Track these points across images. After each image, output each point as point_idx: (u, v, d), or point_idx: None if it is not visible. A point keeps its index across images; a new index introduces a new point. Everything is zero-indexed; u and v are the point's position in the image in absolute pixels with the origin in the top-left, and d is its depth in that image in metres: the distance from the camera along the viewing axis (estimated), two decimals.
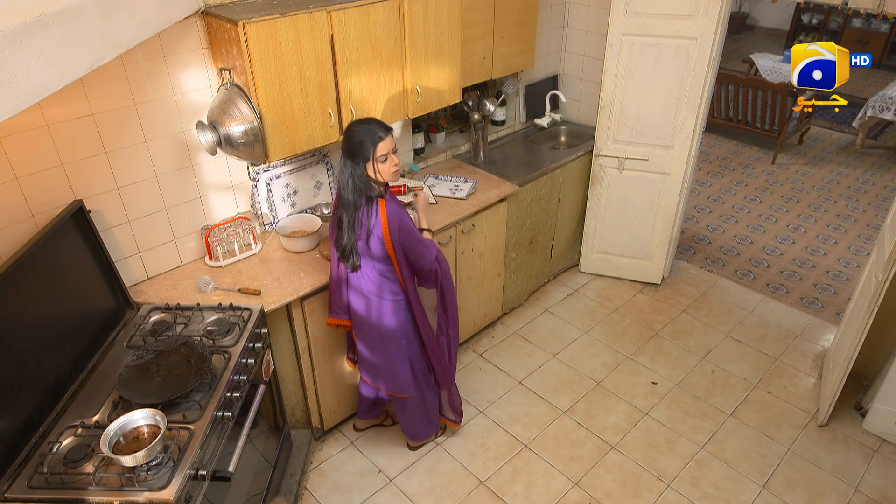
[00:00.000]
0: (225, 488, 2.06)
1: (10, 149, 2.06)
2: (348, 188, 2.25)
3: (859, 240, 4.90)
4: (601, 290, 4.20)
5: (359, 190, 2.25)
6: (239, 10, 2.34)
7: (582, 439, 3.11)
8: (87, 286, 2.23)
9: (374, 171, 2.24)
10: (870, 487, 2.87)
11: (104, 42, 1.57)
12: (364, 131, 2.21)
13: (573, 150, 3.89)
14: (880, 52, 9.11)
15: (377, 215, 2.27)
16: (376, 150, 2.21)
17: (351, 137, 2.23)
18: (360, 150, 2.21)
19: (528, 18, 3.47)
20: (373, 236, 2.30)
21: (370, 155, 2.21)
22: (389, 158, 2.24)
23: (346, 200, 2.27)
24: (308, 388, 2.87)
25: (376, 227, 2.28)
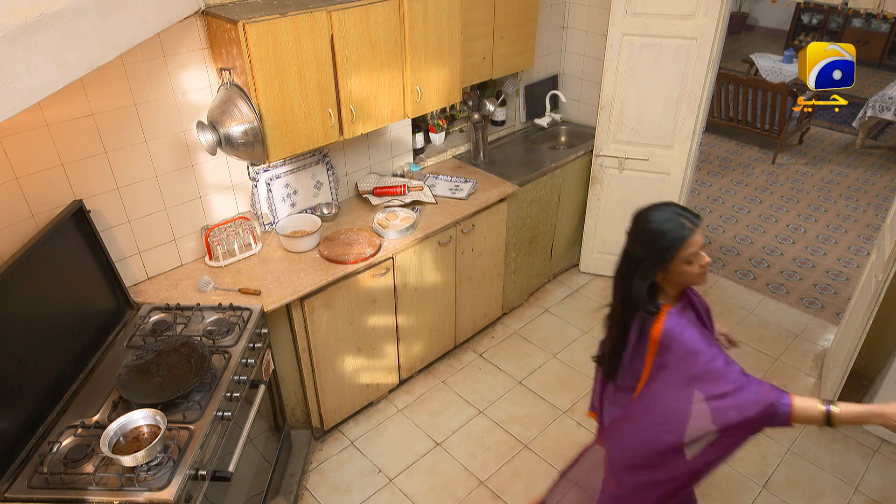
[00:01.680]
0: (225, 488, 2.06)
1: (10, 149, 2.06)
2: (627, 300, 1.73)
3: (859, 240, 4.90)
4: (601, 290, 4.20)
5: (638, 304, 1.71)
6: (239, 10, 2.34)
7: (582, 439, 3.11)
8: (87, 286, 2.23)
9: (675, 273, 1.68)
10: (870, 487, 2.87)
11: (104, 42, 1.57)
12: (667, 222, 1.65)
13: (573, 150, 3.89)
14: (880, 52, 9.10)
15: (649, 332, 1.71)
16: (684, 248, 1.64)
17: (650, 232, 1.66)
18: (660, 250, 1.64)
19: (528, 18, 3.47)
20: (637, 356, 1.77)
21: (675, 254, 1.64)
22: (699, 256, 1.66)
23: (616, 313, 1.79)
24: (308, 388, 2.87)
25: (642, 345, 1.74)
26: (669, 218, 1.65)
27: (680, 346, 1.64)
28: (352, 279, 2.75)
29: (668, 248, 1.64)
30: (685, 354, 1.64)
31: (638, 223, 1.71)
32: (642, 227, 1.69)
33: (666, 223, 1.65)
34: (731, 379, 1.60)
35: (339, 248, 2.81)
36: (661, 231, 1.64)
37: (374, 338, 3.02)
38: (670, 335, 1.65)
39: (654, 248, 1.65)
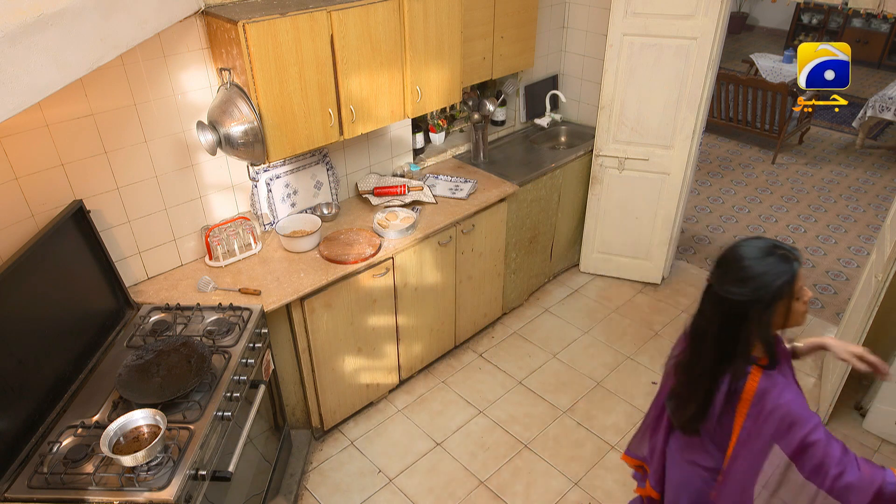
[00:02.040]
0: (225, 488, 2.06)
1: (10, 149, 2.06)
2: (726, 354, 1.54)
3: (859, 240, 4.90)
4: (601, 290, 4.20)
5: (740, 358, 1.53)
6: (239, 10, 2.34)
7: (582, 439, 3.11)
8: (87, 286, 2.23)
9: (777, 314, 1.50)
10: None
11: (104, 42, 1.57)
12: (768, 255, 1.47)
13: (573, 150, 3.89)
14: (880, 52, 9.10)
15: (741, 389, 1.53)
16: (795, 282, 1.47)
17: (754, 270, 1.46)
18: (773, 289, 1.45)
19: (528, 18, 3.47)
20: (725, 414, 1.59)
21: (788, 291, 1.47)
22: (803, 291, 1.52)
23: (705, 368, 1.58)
24: (308, 388, 2.87)
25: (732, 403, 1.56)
26: (768, 251, 1.47)
27: (778, 414, 1.46)
28: (352, 279, 2.75)
29: (782, 286, 1.45)
30: (784, 424, 1.45)
31: (732, 263, 1.50)
32: (740, 265, 1.47)
33: (768, 257, 1.46)
34: (835, 459, 1.40)
35: (339, 248, 2.81)
36: (767, 267, 1.45)
37: (374, 338, 3.02)
38: (767, 397, 1.48)
39: (764, 288, 1.44)
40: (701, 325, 1.58)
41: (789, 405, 1.45)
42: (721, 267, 1.52)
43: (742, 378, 1.52)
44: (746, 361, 1.53)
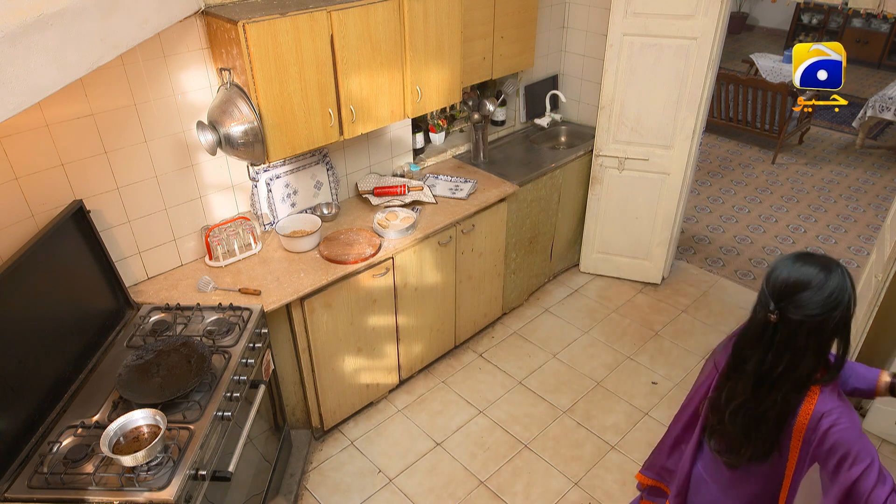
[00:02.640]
0: (225, 488, 2.06)
1: (10, 149, 2.06)
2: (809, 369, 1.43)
3: (859, 240, 4.90)
4: (601, 290, 4.20)
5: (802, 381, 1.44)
6: (239, 10, 2.34)
7: (582, 439, 3.11)
8: (87, 286, 2.23)
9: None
10: None
11: (104, 42, 1.57)
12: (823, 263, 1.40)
13: (573, 150, 3.89)
14: (880, 52, 9.10)
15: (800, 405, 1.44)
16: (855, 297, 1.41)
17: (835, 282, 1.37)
18: (851, 293, 1.39)
19: (528, 18, 3.47)
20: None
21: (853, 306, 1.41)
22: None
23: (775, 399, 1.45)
24: (308, 388, 2.87)
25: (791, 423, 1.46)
26: (820, 262, 1.39)
27: (838, 441, 1.38)
28: (352, 279, 2.75)
29: (852, 290, 1.38)
30: (842, 454, 1.38)
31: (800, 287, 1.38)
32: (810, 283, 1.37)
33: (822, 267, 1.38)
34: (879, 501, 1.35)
35: (339, 248, 2.81)
36: (835, 276, 1.37)
37: (374, 338, 3.02)
38: (827, 422, 1.40)
39: (843, 294, 1.36)
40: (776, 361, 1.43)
41: (850, 432, 1.38)
42: (790, 294, 1.39)
43: (802, 399, 1.43)
44: (810, 381, 1.44)
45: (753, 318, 1.47)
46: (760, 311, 1.43)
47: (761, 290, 1.45)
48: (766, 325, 1.43)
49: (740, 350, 1.51)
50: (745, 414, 1.51)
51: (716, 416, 1.61)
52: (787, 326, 1.39)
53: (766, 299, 1.42)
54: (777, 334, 1.41)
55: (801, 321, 1.37)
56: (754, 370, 1.47)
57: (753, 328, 1.47)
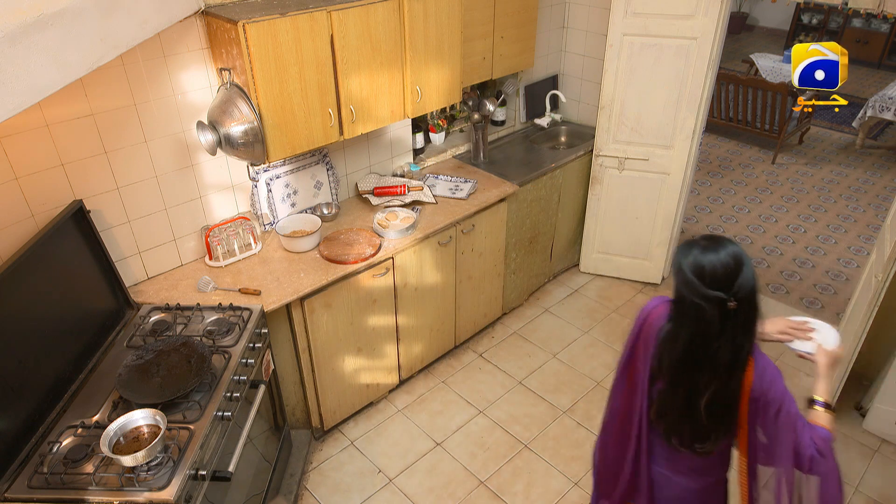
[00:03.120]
0: (225, 488, 2.06)
1: (10, 149, 2.06)
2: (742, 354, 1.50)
3: (859, 240, 4.90)
4: (601, 290, 4.20)
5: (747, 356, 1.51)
6: (239, 10, 2.34)
7: (582, 439, 3.11)
8: (87, 286, 2.23)
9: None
10: (870, 487, 2.87)
11: (104, 42, 1.57)
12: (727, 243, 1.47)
13: (573, 150, 3.89)
14: (880, 52, 9.10)
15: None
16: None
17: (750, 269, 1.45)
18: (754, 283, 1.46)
19: (528, 18, 3.47)
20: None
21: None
22: None
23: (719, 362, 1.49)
24: (308, 388, 2.87)
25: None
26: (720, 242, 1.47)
27: (774, 393, 1.50)
28: (352, 279, 2.75)
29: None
30: (780, 402, 1.50)
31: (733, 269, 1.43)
32: (738, 263, 1.43)
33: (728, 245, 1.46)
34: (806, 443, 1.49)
35: (339, 248, 2.81)
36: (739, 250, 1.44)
37: (374, 338, 3.02)
38: (767, 379, 1.50)
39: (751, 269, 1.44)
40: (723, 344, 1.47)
41: (778, 382, 1.51)
42: (734, 279, 1.42)
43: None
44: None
45: (702, 317, 1.44)
46: (710, 308, 1.42)
47: (696, 293, 1.43)
48: (724, 317, 1.43)
49: (695, 351, 1.50)
50: (718, 402, 1.53)
51: (671, 417, 1.62)
52: (743, 307, 1.43)
53: (712, 294, 1.41)
54: (737, 318, 1.44)
55: (749, 296, 1.43)
56: (720, 359, 1.48)
57: (707, 326, 1.45)
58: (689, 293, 1.44)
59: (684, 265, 1.45)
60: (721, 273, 1.41)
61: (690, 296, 1.44)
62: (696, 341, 1.48)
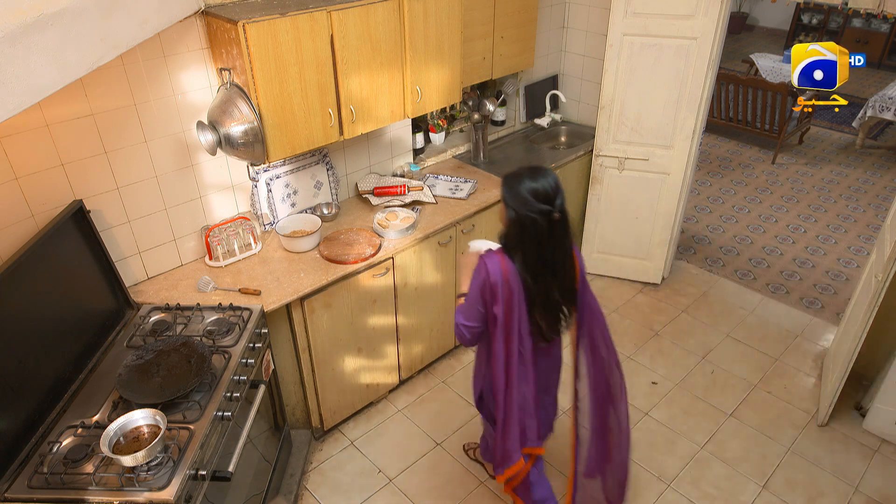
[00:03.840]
0: (225, 488, 2.06)
1: (10, 149, 2.06)
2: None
3: (859, 240, 4.90)
4: (601, 289, 4.20)
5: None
6: (239, 10, 2.34)
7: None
8: (87, 286, 2.23)
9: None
10: (870, 487, 2.87)
11: (104, 42, 1.57)
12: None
13: (573, 150, 3.89)
14: (880, 52, 9.10)
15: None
16: None
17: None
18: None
19: (528, 18, 3.47)
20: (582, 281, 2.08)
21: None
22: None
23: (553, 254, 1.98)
24: (308, 388, 2.87)
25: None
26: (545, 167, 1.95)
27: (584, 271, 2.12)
28: (352, 279, 2.75)
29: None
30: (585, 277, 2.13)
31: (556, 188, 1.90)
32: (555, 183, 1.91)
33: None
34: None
35: (339, 248, 2.81)
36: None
37: (374, 338, 3.02)
38: (581, 263, 2.10)
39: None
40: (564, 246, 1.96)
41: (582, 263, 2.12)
42: (555, 196, 1.87)
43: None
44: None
45: (536, 227, 1.87)
46: (542, 219, 1.85)
47: (532, 209, 1.84)
48: (551, 226, 1.88)
49: (537, 260, 1.93)
50: (567, 294, 2.06)
51: (542, 312, 2.04)
52: (564, 216, 1.90)
53: (542, 208, 1.84)
54: (561, 225, 1.90)
55: (565, 210, 1.90)
56: (557, 258, 1.96)
57: (540, 233, 1.88)
58: (527, 210, 1.85)
59: (522, 189, 1.86)
60: (553, 191, 1.86)
61: (527, 212, 1.85)
62: (537, 248, 1.91)
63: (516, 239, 1.92)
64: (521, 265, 1.93)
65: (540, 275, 1.95)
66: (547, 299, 2.01)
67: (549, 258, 1.94)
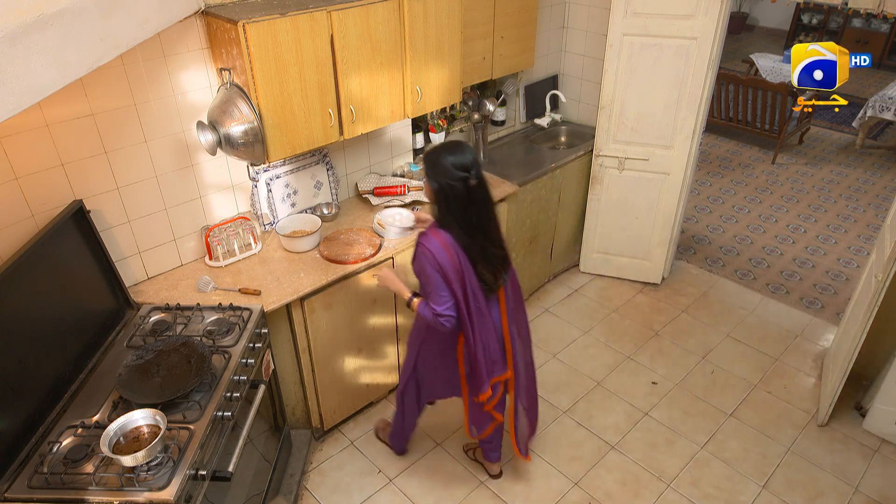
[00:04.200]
0: (225, 488, 2.06)
1: (10, 149, 2.06)
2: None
3: (859, 240, 4.90)
4: (601, 290, 4.20)
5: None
6: (239, 10, 2.34)
7: (582, 439, 3.11)
8: (87, 286, 2.23)
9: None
10: (870, 487, 2.87)
11: (104, 42, 1.57)
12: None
13: (573, 150, 3.89)
14: (880, 52, 9.11)
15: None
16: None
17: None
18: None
19: (528, 18, 3.47)
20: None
21: None
22: None
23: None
24: (308, 388, 2.87)
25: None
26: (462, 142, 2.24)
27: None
28: (352, 279, 2.75)
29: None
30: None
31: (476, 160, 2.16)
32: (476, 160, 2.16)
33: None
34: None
35: (339, 248, 2.81)
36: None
37: (374, 338, 3.02)
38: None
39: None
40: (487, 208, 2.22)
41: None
42: (471, 167, 2.11)
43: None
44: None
45: (457, 192, 2.11)
46: (460, 184, 2.09)
47: (453, 177, 2.09)
48: (470, 191, 2.12)
49: (467, 222, 2.16)
50: (500, 248, 2.31)
51: (488, 276, 2.26)
52: (480, 182, 2.15)
53: (463, 175, 2.09)
54: (480, 190, 2.16)
55: (481, 176, 2.16)
56: (482, 217, 2.20)
57: (463, 198, 2.12)
58: (449, 179, 2.09)
59: (442, 162, 2.10)
60: (466, 164, 2.10)
61: (449, 180, 2.09)
62: (464, 211, 2.14)
63: (445, 208, 2.15)
64: (456, 232, 2.16)
65: (473, 235, 2.19)
66: (485, 254, 2.24)
67: (475, 220, 2.18)
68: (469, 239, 2.19)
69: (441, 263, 2.15)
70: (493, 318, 2.40)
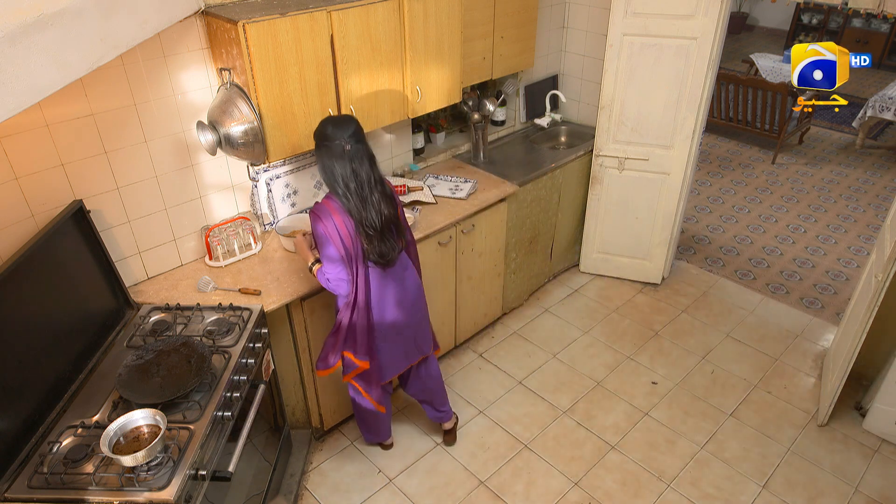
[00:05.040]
0: (225, 488, 2.06)
1: (10, 149, 2.06)
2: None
3: (859, 240, 4.90)
4: (601, 290, 4.20)
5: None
6: (239, 10, 2.34)
7: (582, 439, 3.11)
8: (87, 286, 2.23)
9: None
10: (870, 487, 2.87)
11: (104, 42, 1.57)
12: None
13: (573, 150, 3.89)
14: (880, 52, 9.11)
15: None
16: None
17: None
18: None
19: (528, 18, 3.47)
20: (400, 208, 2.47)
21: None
22: None
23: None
24: (308, 388, 2.87)
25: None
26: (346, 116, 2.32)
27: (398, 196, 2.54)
28: None
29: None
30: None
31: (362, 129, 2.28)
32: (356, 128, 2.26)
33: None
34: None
35: None
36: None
37: None
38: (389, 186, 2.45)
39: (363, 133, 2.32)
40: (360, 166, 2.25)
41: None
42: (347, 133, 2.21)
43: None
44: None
45: (335, 154, 2.21)
46: (336, 146, 2.20)
47: (332, 140, 2.20)
48: (343, 154, 2.21)
49: (350, 182, 2.24)
50: (393, 218, 2.36)
51: (380, 248, 2.33)
52: (356, 144, 2.23)
53: (341, 142, 2.20)
54: (355, 151, 2.22)
55: (360, 141, 2.25)
56: (363, 176, 2.26)
57: (341, 157, 2.21)
58: (329, 142, 2.20)
59: (323, 131, 2.23)
60: (353, 132, 2.22)
61: (330, 143, 2.20)
62: (343, 170, 2.23)
63: (329, 171, 2.24)
64: (342, 195, 2.25)
65: (361, 201, 2.27)
66: (377, 224, 2.31)
67: (357, 180, 2.25)
68: (361, 205, 2.27)
69: (327, 227, 2.24)
70: (395, 292, 2.48)
